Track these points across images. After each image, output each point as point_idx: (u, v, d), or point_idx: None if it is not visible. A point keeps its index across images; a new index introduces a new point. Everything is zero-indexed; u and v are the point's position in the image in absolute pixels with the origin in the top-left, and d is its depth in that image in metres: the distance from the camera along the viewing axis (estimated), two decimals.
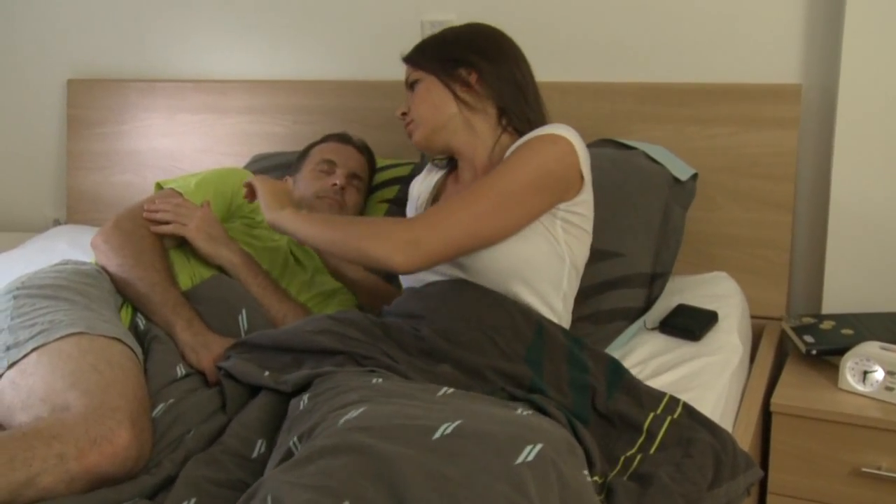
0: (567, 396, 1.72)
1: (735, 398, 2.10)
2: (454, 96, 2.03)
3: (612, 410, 1.71)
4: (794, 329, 2.28)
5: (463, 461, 1.27)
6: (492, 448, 1.30)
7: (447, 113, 2.04)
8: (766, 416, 2.15)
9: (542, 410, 1.62)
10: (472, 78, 2.04)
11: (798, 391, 2.12)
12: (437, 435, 1.32)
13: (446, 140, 2.06)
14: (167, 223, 2.20)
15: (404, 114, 2.10)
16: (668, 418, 1.70)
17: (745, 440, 1.96)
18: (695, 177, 2.44)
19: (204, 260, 2.20)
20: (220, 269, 2.20)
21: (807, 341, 2.21)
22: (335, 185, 2.43)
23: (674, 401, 1.75)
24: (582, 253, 2.00)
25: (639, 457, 1.63)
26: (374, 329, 1.82)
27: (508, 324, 1.83)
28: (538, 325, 1.85)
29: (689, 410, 1.73)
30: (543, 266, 1.92)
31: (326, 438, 1.33)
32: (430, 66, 2.06)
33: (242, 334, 2.00)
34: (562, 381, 1.75)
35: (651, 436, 1.67)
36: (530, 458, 1.30)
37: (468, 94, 2.03)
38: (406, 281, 2.08)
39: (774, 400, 2.09)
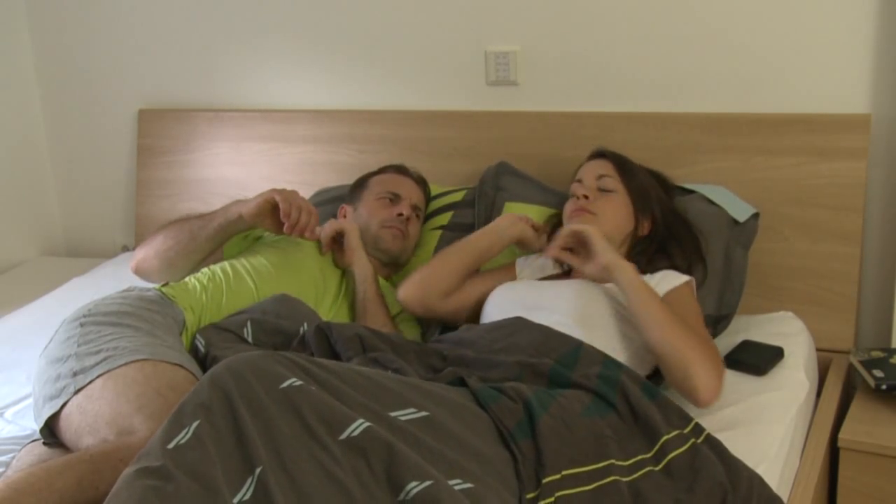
0: (591, 381, 1.77)
1: (801, 433, 2.07)
2: (633, 230, 2.25)
3: (640, 408, 1.72)
4: (863, 363, 2.24)
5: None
6: None
7: (623, 234, 2.25)
8: (834, 451, 2.10)
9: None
10: (645, 227, 2.27)
11: (867, 427, 2.08)
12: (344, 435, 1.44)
13: None
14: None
15: (586, 196, 2.24)
16: (692, 440, 1.70)
17: (812, 476, 1.93)
18: (756, 216, 2.42)
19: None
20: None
21: (876, 376, 2.16)
22: (401, 214, 2.47)
23: (700, 427, 1.74)
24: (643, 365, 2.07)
25: (648, 468, 1.64)
26: (406, 348, 1.91)
27: (542, 340, 1.90)
28: (577, 344, 1.89)
29: (712, 441, 1.72)
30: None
31: None
32: (632, 189, 2.27)
33: None
34: (591, 374, 1.79)
35: (662, 451, 1.67)
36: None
37: (635, 233, 2.26)
38: (486, 315, 2.19)
39: (842, 435, 2.05)
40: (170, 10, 3.32)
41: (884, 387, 2.14)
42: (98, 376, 1.82)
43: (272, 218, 2.32)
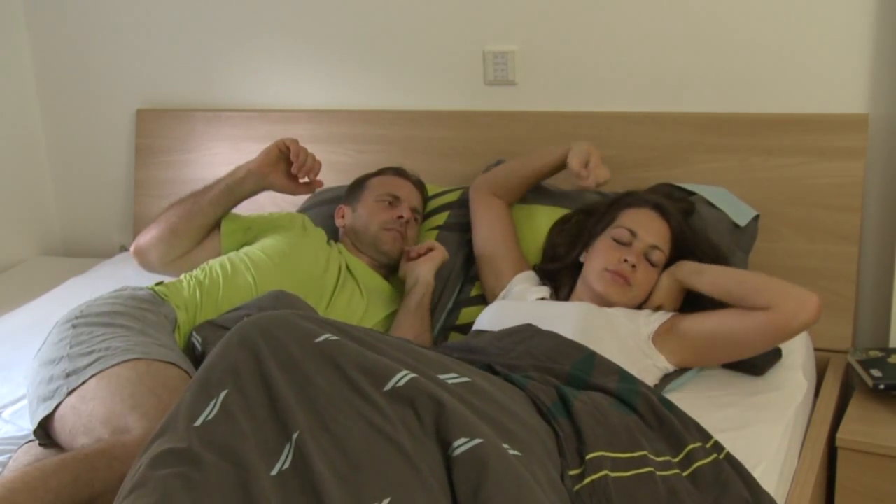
0: (611, 384, 1.75)
1: (800, 433, 2.07)
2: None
3: (664, 415, 1.70)
4: (861, 363, 2.24)
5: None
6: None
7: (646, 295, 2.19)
8: (832, 451, 2.10)
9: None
10: None
11: (865, 427, 2.08)
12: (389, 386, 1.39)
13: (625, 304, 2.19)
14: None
15: (634, 266, 2.15)
16: (714, 455, 1.67)
17: (810, 476, 1.93)
18: (756, 218, 2.42)
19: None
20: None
21: (874, 375, 2.16)
22: (401, 217, 2.48)
23: (720, 444, 1.72)
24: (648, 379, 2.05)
25: (676, 470, 1.61)
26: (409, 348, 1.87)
27: (555, 347, 1.88)
28: (591, 353, 1.87)
29: (732, 459, 1.69)
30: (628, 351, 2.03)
31: None
32: (671, 269, 2.19)
33: None
34: (609, 381, 1.78)
35: (689, 459, 1.64)
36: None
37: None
38: (480, 326, 2.17)
39: (840, 435, 2.05)
40: (168, 9, 3.31)
41: (882, 386, 2.14)
42: (91, 377, 1.82)
43: (281, 168, 2.43)
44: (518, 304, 2.24)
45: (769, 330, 1.95)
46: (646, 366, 2.05)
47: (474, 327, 2.20)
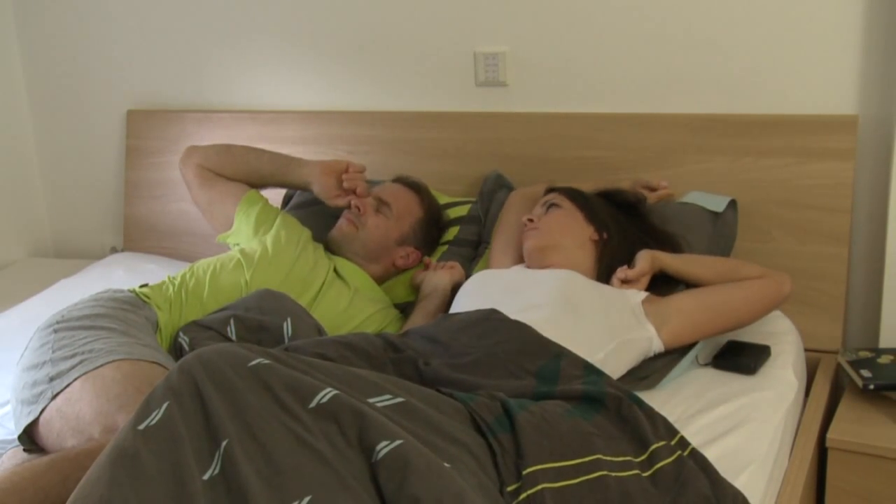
0: (576, 389, 1.76)
1: (790, 433, 2.07)
2: (594, 236, 2.30)
3: (630, 414, 1.70)
4: (851, 363, 2.24)
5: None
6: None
7: (578, 238, 2.29)
8: (822, 451, 2.11)
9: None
10: (604, 234, 2.30)
11: (855, 427, 2.08)
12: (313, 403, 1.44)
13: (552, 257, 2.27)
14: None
15: (531, 220, 2.32)
16: (678, 453, 1.67)
17: (800, 475, 1.93)
18: (733, 203, 2.45)
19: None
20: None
21: (864, 376, 2.17)
22: (349, 207, 2.54)
23: (685, 440, 1.72)
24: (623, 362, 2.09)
25: (636, 471, 1.61)
26: (382, 359, 1.87)
27: (520, 347, 1.88)
28: (558, 351, 1.87)
29: (696, 455, 1.69)
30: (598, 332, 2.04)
31: None
32: (578, 202, 2.33)
33: (286, 341, 2.04)
34: (574, 390, 1.77)
35: (652, 459, 1.64)
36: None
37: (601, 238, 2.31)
38: (462, 294, 2.24)
39: (830, 435, 2.06)
40: (159, 11, 3.31)
41: (871, 387, 2.14)
42: (76, 379, 1.81)
43: (333, 179, 2.51)
44: (499, 272, 2.29)
45: (767, 293, 2.19)
46: (631, 339, 2.06)
47: (457, 297, 2.26)
